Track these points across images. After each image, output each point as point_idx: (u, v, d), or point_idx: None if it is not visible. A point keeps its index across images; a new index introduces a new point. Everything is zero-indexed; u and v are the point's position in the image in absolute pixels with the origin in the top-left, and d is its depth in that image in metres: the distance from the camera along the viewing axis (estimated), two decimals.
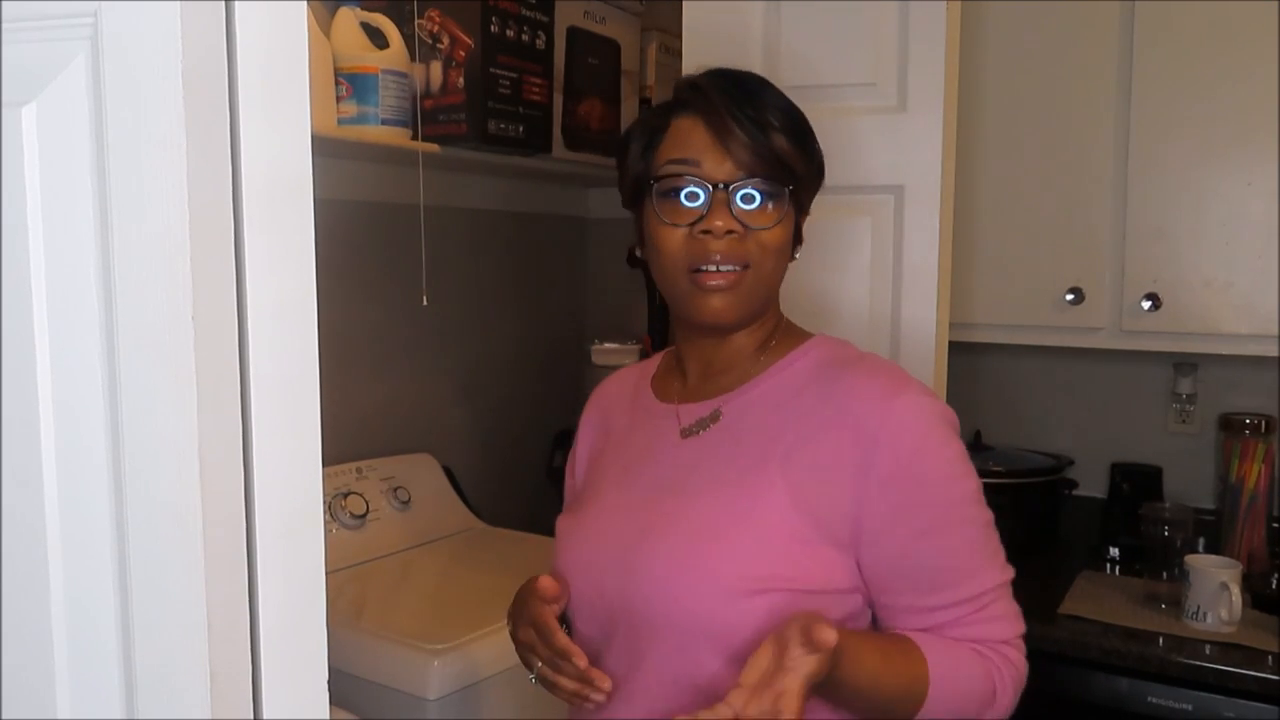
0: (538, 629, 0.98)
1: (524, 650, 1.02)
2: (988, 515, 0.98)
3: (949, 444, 0.96)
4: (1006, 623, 0.98)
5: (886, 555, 0.94)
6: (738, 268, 0.97)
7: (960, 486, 0.96)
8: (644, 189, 1.01)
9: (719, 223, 0.95)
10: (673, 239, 0.98)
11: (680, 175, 0.98)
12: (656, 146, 1.01)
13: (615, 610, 0.99)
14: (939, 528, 0.95)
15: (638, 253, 1.07)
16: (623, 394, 1.16)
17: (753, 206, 0.97)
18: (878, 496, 0.93)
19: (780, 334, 1.05)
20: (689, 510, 0.98)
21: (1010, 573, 0.99)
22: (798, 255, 1.04)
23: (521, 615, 1.02)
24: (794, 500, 0.94)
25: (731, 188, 0.96)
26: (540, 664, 0.99)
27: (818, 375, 1.00)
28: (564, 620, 1.04)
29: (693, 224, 0.97)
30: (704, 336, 1.05)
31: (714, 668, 0.93)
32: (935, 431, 0.95)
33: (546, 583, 0.99)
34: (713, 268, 0.97)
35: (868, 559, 0.95)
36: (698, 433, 1.03)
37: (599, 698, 0.95)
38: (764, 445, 0.98)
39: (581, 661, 0.94)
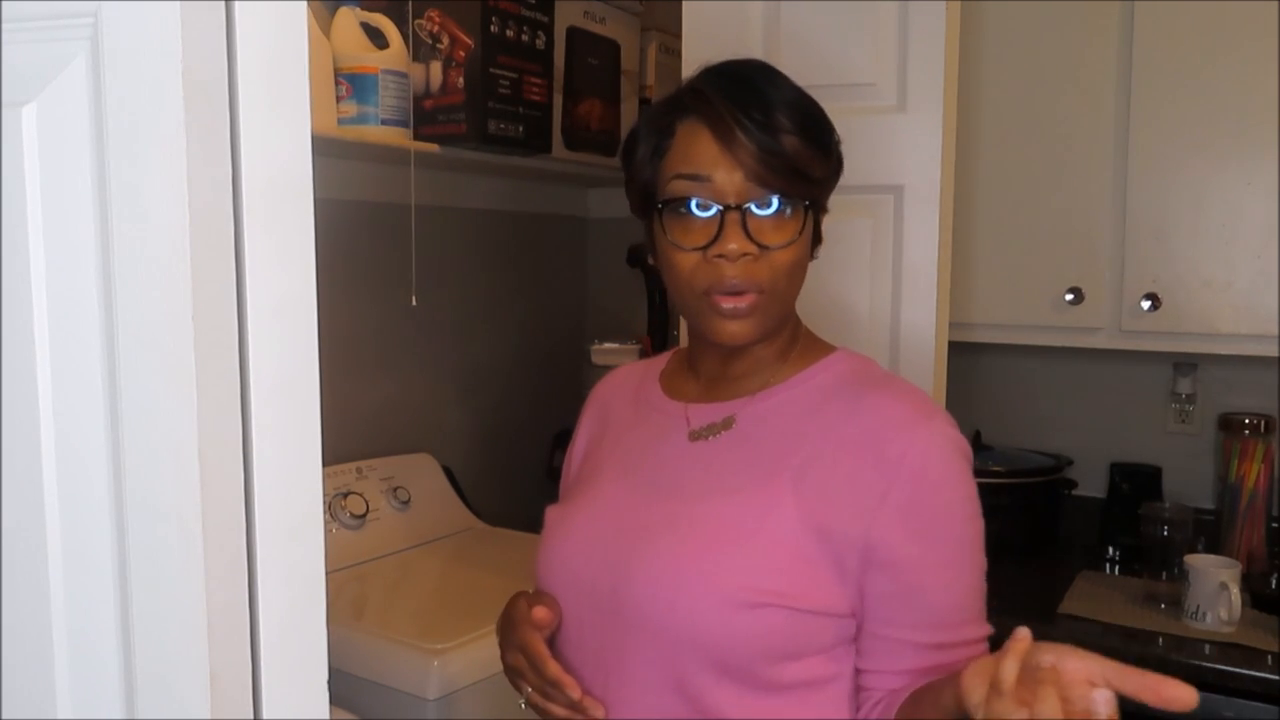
0: (528, 656, 0.96)
1: (513, 675, 1.00)
2: (985, 564, 0.95)
3: (968, 481, 0.93)
4: None
5: (895, 585, 0.90)
6: (753, 291, 0.91)
7: (974, 527, 0.93)
8: (652, 204, 0.95)
9: (732, 246, 0.89)
10: (686, 262, 0.92)
11: (689, 194, 0.91)
12: (664, 154, 0.94)
13: (604, 609, 0.96)
14: (950, 564, 0.92)
15: (650, 260, 1.01)
16: (626, 388, 1.13)
17: (768, 223, 0.91)
18: (892, 524, 0.89)
19: (802, 343, 1.02)
20: (692, 514, 0.95)
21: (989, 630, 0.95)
22: (818, 255, 0.99)
23: (510, 639, 1.00)
24: (803, 517, 0.91)
25: (744, 207, 0.90)
26: (530, 690, 0.97)
27: (841, 391, 0.97)
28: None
29: (706, 246, 0.90)
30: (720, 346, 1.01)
31: (701, 677, 0.90)
32: (957, 465, 0.92)
33: (541, 614, 0.97)
34: (728, 292, 0.91)
35: (875, 587, 0.91)
36: (708, 437, 1.00)
37: None
38: (778, 457, 0.94)
39: (575, 693, 0.92)
